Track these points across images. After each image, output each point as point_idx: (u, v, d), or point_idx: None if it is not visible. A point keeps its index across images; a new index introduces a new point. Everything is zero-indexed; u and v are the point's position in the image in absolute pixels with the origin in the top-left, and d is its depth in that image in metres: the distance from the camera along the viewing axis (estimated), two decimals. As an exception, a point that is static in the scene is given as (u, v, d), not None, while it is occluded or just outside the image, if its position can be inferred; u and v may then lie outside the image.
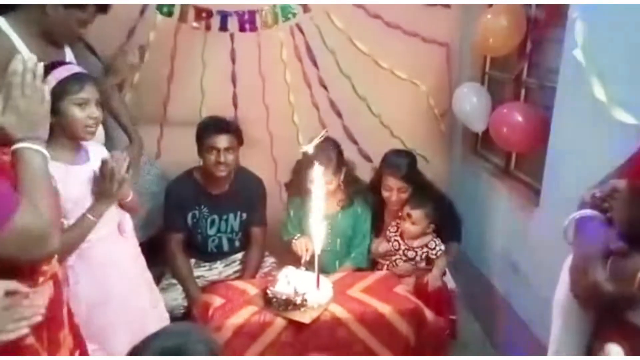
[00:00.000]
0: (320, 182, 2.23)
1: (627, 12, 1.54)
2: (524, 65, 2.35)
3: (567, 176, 1.86)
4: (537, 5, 2.25)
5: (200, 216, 2.41)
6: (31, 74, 1.08)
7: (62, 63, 1.62)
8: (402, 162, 2.32)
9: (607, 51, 1.64)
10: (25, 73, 1.07)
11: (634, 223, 0.97)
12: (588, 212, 1.12)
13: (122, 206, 1.75)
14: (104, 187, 1.61)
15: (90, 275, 1.63)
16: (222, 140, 2.27)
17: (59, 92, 1.49)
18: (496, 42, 2.30)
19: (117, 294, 1.71)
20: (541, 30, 2.21)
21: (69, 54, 1.97)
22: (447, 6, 2.79)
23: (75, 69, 1.60)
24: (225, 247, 2.49)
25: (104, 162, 1.62)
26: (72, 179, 1.58)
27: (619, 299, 0.95)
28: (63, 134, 1.57)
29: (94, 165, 1.65)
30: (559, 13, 2.03)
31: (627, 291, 0.92)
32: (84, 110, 1.56)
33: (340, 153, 2.34)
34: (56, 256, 1.23)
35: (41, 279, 1.20)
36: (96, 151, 1.71)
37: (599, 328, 1.10)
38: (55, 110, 1.47)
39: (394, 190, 2.29)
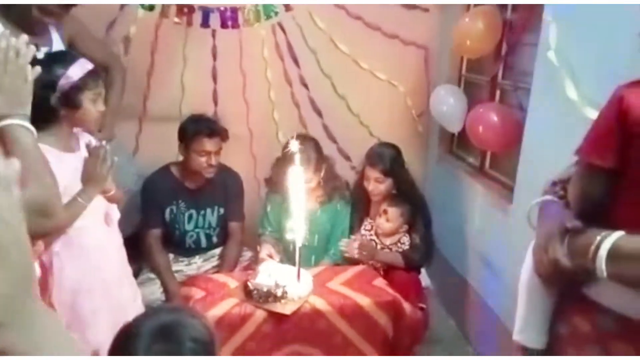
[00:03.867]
0: (300, 181, 2.27)
1: (598, 15, 1.62)
2: (499, 68, 2.43)
3: (540, 174, 1.90)
4: (513, 9, 2.33)
5: (178, 211, 2.41)
6: (14, 51, 1.08)
7: (74, 56, 1.63)
8: (383, 153, 2.35)
9: (579, 52, 1.73)
10: (8, 50, 1.08)
11: (584, 198, 1.04)
12: (548, 197, 1.18)
13: (108, 198, 1.74)
14: (94, 170, 1.62)
15: (76, 262, 1.63)
16: (214, 144, 2.30)
17: (80, 87, 1.55)
18: (473, 44, 2.38)
19: (101, 282, 1.70)
20: (516, 33, 2.30)
21: (57, 42, 1.98)
22: (426, 10, 2.86)
23: (89, 65, 1.61)
24: (203, 242, 2.49)
25: (95, 147, 1.65)
26: (63, 166, 1.58)
27: (577, 272, 1.01)
28: (68, 124, 1.60)
29: (84, 153, 1.67)
30: (533, 17, 2.12)
31: (583, 264, 0.98)
32: (95, 105, 1.61)
33: (319, 151, 2.37)
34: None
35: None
36: (85, 140, 1.72)
37: (561, 305, 1.17)
38: (72, 103, 1.55)
39: (371, 180, 2.32)
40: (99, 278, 1.68)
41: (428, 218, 2.35)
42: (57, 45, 2.01)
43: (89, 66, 1.60)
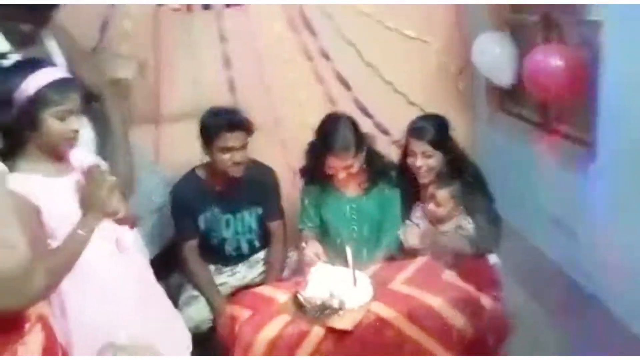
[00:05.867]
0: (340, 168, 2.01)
1: None
2: (553, 2, 2.05)
3: (627, 123, 1.61)
4: None
5: (213, 218, 2.20)
6: None
7: (41, 63, 1.39)
8: (428, 124, 2.08)
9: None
10: None
11: None
12: None
13: (118, 221, 1.53)
14: (91, 196, 1.41)
15: (92, 299, 1.45)
16: (237, 139, 2.05)
17: (38, 103, 1.30)
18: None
19: (123, 314, 1.51)
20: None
21: (58, 57, 1.79)
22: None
23: (57, 73, 1.38)
24: (245, 249, 2.27)
25: (89, 168, 1.43)
26: (55, 193, 1.39)
27: None
28: (41, 146, 1.38)
29: (79, 174, 1.45)
30: None
31: None
32: (64, 123, 1.36)
33: (357, 131, 2.10)
34: None
35: (27, 326, 0.99)
36: (80, 157, 1.50)
37: None
38: (32, 122, 1.32)
39: (417, 155, 2.03)
40: (120, 310, 1.50)
41: (489, 194, 2.04)
42: (58, 59, 1.80)
43: (54, 75, 1.36)
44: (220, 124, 2.06)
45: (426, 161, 2.03)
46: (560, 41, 2.10)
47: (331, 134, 2.03)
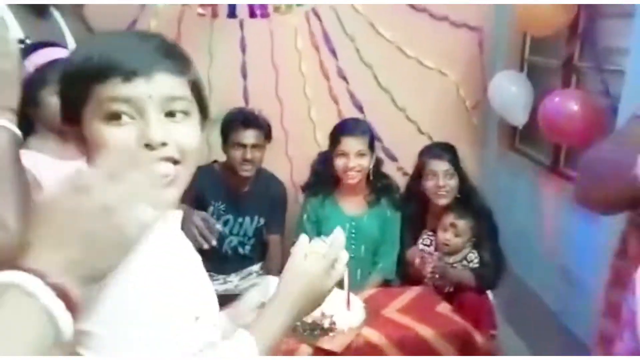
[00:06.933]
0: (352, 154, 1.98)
1: None
2: (575, 48, 2.06)
3: None
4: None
5: (216, 212, 2.19)
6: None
7: (44, 44, 1.38)
8: (445, 148, 2.10)
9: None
10: None
11: None
12: None
13: None
14: None
15: None
16: (249, 136, 2.11)
17: (37, 81, 1.29)
18: (542, 19, 2.02)
19: None
20: (598, 4, 1.93)
21: (69, 37, 1.74)
22: (479, -14, 2.52)
23: (57, 53, 1.36)
24: (238, 248, 2.26)
25: None
26: (58, 176, 1.35)
27: None
28: (47, 125, 1.36)
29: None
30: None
31: None
32: None
33: (373, 134, 2.14)
34: None
35: None
36: None
37: None
38: (33, 101, 1.31)
39: (439, 175, 2.00)
40: None
41: (495, 229, 2.01)
42: (68, 39, 1.79)
43: (53, 55, 1.34)
44: (237, 119, 2.15)
45: (448, 181, 2.01)
46: (578, 87, 2.10)
47: (348, 119, 2.18)
